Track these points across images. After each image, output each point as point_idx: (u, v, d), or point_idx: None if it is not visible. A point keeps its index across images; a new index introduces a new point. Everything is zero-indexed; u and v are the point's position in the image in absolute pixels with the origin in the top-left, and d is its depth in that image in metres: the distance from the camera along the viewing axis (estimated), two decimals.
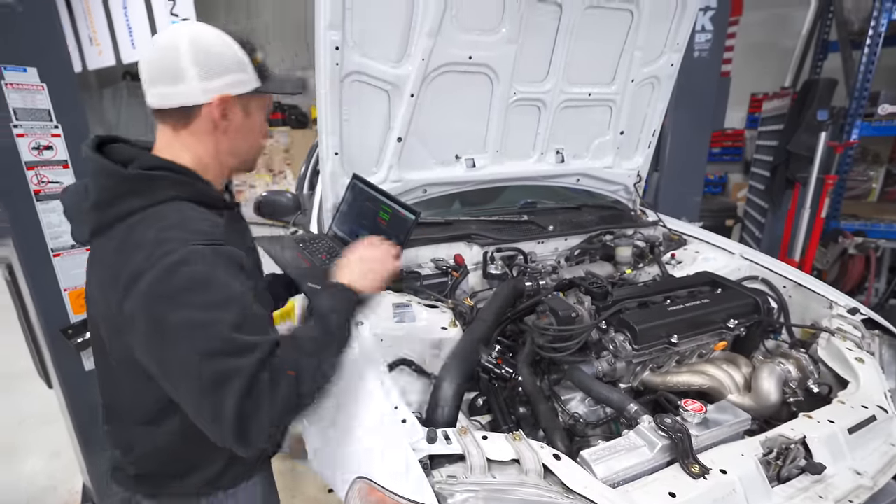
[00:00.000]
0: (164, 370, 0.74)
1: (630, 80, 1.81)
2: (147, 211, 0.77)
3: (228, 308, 0.72)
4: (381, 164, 1.57)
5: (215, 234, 0.77)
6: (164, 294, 0.70)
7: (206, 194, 0.84)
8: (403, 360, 1.15)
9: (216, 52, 0.80)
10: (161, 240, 0.72)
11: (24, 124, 1.51)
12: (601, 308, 1.26)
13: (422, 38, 1.39)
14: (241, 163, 0.92)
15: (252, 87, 0.84)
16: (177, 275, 0.70)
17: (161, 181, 0.79)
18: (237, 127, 0.86)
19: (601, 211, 2.07)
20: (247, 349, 0.72)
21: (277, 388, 0.73)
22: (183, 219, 0.76)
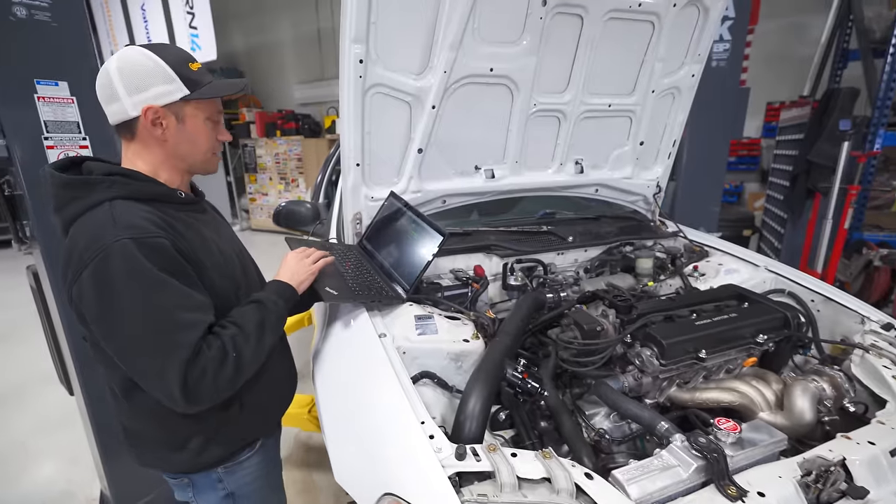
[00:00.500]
0: (117, 352, 0.85)
1: (650, 91, 1.80)
2: (88, 212, 0.86)
3: (163, 291, 0.83)
4: (402, 174, 1.58)
5: (144, 226, 0.85)
6: (103, 287, 0.80)
7: (149, 192, 0.92)
8: (426, 374, 1.15)
9: (139, 68, 0.88)
10: (92, 238, 0.82)
11: (54, 136, 1.55)
12: (626, 322, 1.24)
13: (444, 50, 1.40)
14: (191, 165, 0.99)
15: (178, 95, 0.91)
16: (109, 268, 0.79)
17: (99, 184, 0.88)
18: (174, 134, 0.93)
19: (620, 222, 2.05)
20: (187, 326, 0.84)
21: (223, 367, 0.87)
22: (113, 216, 0.84)
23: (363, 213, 1.58)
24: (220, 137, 1.02)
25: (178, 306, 0.85)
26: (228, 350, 0.89)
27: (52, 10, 1.53)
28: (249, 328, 0.95)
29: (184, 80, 0.91)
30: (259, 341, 0.96)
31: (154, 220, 0.87)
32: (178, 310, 0.84)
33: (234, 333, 0.91)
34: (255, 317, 0.98)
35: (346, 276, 1.31)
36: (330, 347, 1.25)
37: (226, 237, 1.11)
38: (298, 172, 7.44)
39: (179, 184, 1.00)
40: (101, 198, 0.87)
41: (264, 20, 7.95)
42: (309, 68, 7.75)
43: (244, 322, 0.95)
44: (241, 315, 0.97)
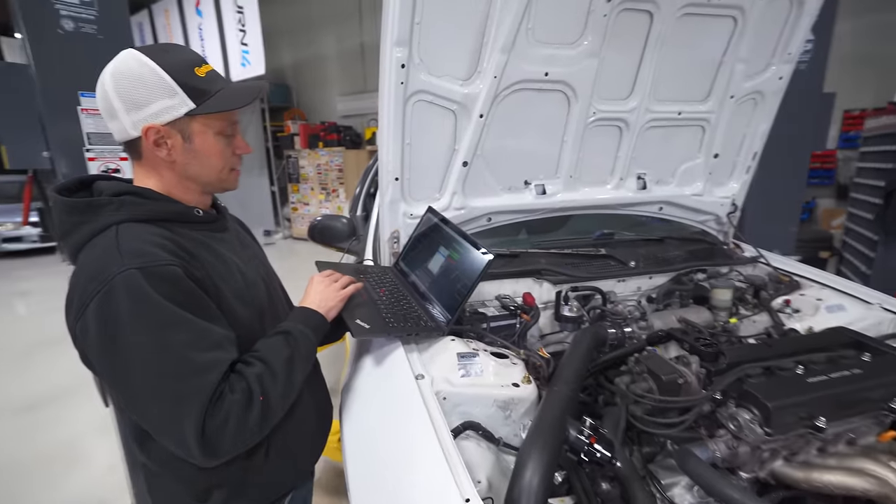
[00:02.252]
0: (125, 399, 0.75)
1: (728, 97, 1.57)
2: (94, 238, 0.77)
3: (175, 328, 0.72)
4: (444, 190, 1.44)
5: (153, 252, 0.75)
6: (107, 325, 0.70)
7: (163, 211, 0.83)
8: (470, 424, 0.98)
9: (136, 81, 0.77)
10: (97, 269, 0.73)
11: (95, 148, 1.53)
12: (713, 372, 1.02)
13: (494, 53, 1.25)
14: (204, 185, 0.89)
15: (183, 111, 0.79)
16: (114, 304, 0.70)
17: (106, 206, 0.78)
18: (181, 154, 0.83)
19: (689, 244, 1.81)
20: (204, 367, 0.73)
21: (249, 412, 0.76)
22: (118, 242, 0.75)
23: (401, 232, 1.44)
24: (238, 151, 0.90)
25: (194, 345, 0.74)
26: (254, 392, 0.77)
27: (99, 22, 1.53)
28: (277, 365, 0.83)
29: (188, 91, 0.79)
30: (288, 379, 0.84)
31: (165, 245, 0.77)
32: (193, 349, 0.73)
33: (261, 372, 0.80)
34: (284, 351, 0.86)
35: (380, 305, 1.17)
36: (360, 385, 1.11)
37: (250, 258, 1.00)
38: (339, 183, 7.54)
39: (197, 202, 0.90)
40: (107, 221, 0.77)
41: (311, 35, 8.20)
42: (352, 81, 7.89)
43: (271, 357, 0.84)
44: (268, 349, 0.85)
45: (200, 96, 0.80)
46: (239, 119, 0.91)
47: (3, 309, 5.23)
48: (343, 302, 1.05)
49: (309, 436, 1.02)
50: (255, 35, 6.47)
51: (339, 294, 1.04)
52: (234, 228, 1.03)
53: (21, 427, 2.90)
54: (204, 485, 0.87)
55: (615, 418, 1.02)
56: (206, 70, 0.83)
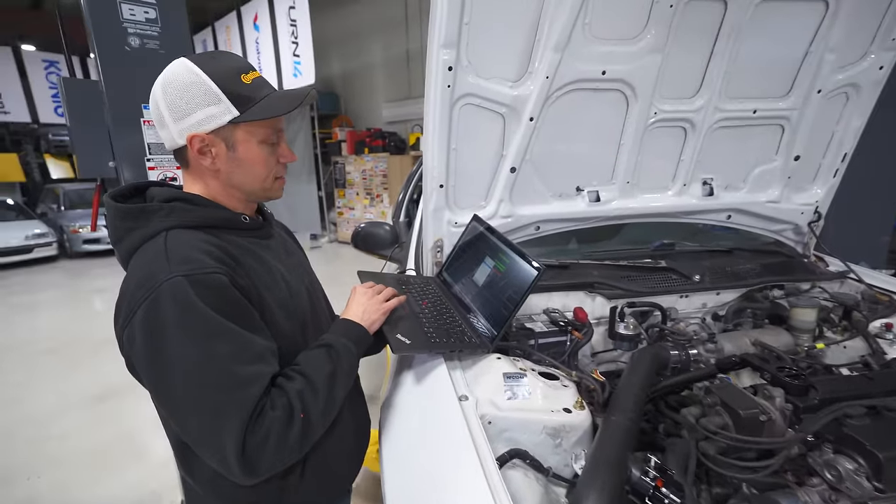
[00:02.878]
0: (166, 409, 0.74)
1: (815, 91, 1.39)
2: (145, 244, 0.77)
3: (219, 338, 0.71)
4: (491, 197, 1.37)
5: (200, 260, 0.74)
6: (152, 333, 0.70)
7: (212, 217, 0.83)
8: (517, 453, 0.90)
9: (183, 90, 0.77)
10: (145, 276, 0.72)
11: (155, 158, 1.60)
12: (802, 408, 0.88)
13: (547, 52, 1.18)
14: (248, 194, 0.88)
15: (227, 118, 0.78)
16: (160, 312, 0.69)
17: (156, 212, 0.79)
18: (225, 163, 0.82)
19: (762, 257, 1.63)
20: (246, 380, 0.71)
21: (290, 429, 0.73)
22: (167, 249, 0.74)
23: (445, 241, 1.39)
24: (282, 160, 0.88)
25: (237, 357, 0.72)
26: (296, 408, 0.75)
27: (161, 38, 1.61)
28: (319, 380, 0.80)
29: (232, 98, 0.78)
30: (330, 395, 0.81)
31: (211, 251, 0.76)
32: (236, 361, 0.72)
33: (302, 388, 0.77)
34: (326, 366, 0.83)
35: (422, 318, 1.12)
36: (401, 403, 1.06)
37: (295, 266, 0.98)
38: (383, 188, 7.67)
39: (242, 209, 0.90)
40: (158, 227, 0.77)
41: (359, 44, 8.43)
42: (397, 88, 8.01)
43: (313, 372, 0.81)
44: (309, 363, 0.83)
45: (245, 103, 0.78)
46: (284, 127, 0.90)
47: (83, 304, 5.75)
48: (385, 315, 1.01)
49: (346, 454, 0.99)
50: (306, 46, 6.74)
51: (382, 307, 1.00)
52: (279, 235, 1.01)
53: (89, 417, 3.14)
54: (241, 502, 0.85)
55: (681, 454, 0.91)
56: (253, 77, 0.81)
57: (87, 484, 2.47)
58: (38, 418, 3.12)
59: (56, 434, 2.93)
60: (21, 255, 7.47)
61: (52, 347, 4.33)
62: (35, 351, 4.25)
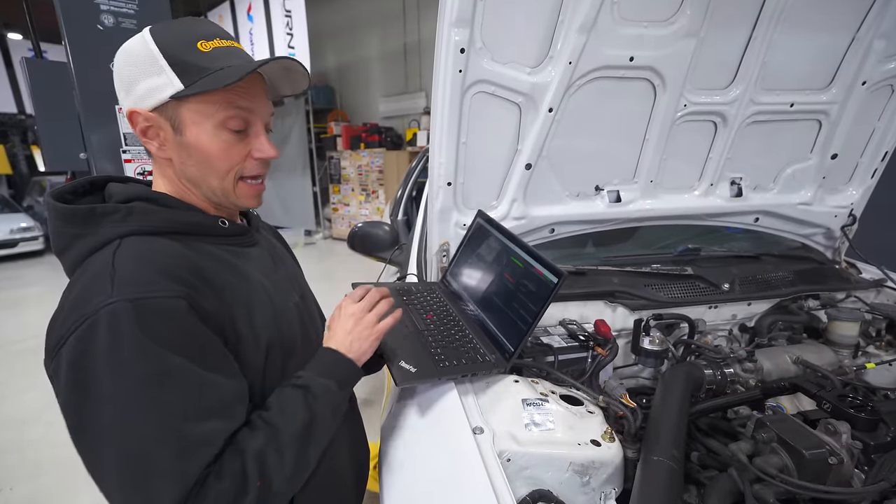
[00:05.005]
0: (88, 468, 0.56)
1: (859, 83, 1.27)
2: (92, 255, 0.62)
3: (165, 386, 0.55)
4: (503, 197, 1.24)
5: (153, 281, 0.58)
6: (79, 371, 0.54)
7: (181, 222, 0.67)
8: (541, 495, 0.78)
9: (128, 58, 0.64)
10: (81, 299, 0.57)
11: (132, 150, 1.45)
12: (873, 448, 0.76)
13: (571, 34, 1.04)
14: (208, 192, 0.70)
15: (167, 93, 0.62)
16: (92, 344, 0.54)
17: (109, 215, 0.64)
18: (175, 149, 0.66)
19: (792, 263, 1.51)
20: (195, 444, 0.56)
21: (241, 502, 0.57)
22: (114, 264, 0.59)
23: (452, 244, 1.26)
24: (256, 154, 0.69)
25: (187, 410, 0.56)
26: (250, 476, 0.58)
27: (139, 17, 1.46)
28: (288, 435, 0.64)
29: (177, 67, 0.62)
30: (301, 454, 0.65)
31: (172, 268, 0.61)
32: (185, 416, 0.56)
33: (263, 446, 0.61)
34: (300, 414, 0.66)
35: (428, 336, 0.99)
36: (404, 429, 0.93)
37: (283, 281, 0.82)
38: (379, 184, 7.52)
39: (214, 210, 0.74)
40: (110, 234, 0.62)
41: (355, 38, 8.23)
42: (394, 82, 7.84)
43: (283, 424, 0.64)
44: (280, 410, 0.66)
45: (192, 75, 0.62)
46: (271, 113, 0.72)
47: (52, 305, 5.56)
48: (379, 340, 0.82)
49: (343, 491, 0.85)
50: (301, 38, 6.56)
51: (375, 331, 0.81)
52: (266, 242, 0.85)
53: None
54: None
55: (725, 494, 0.79)
56: (216, 45, 0.64)
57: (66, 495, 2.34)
58: (17, 421, 2.97)
59: (35, 439, 2.78)
60: (5, 249, 7.26)
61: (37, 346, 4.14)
62: (18, 350, 4.08)
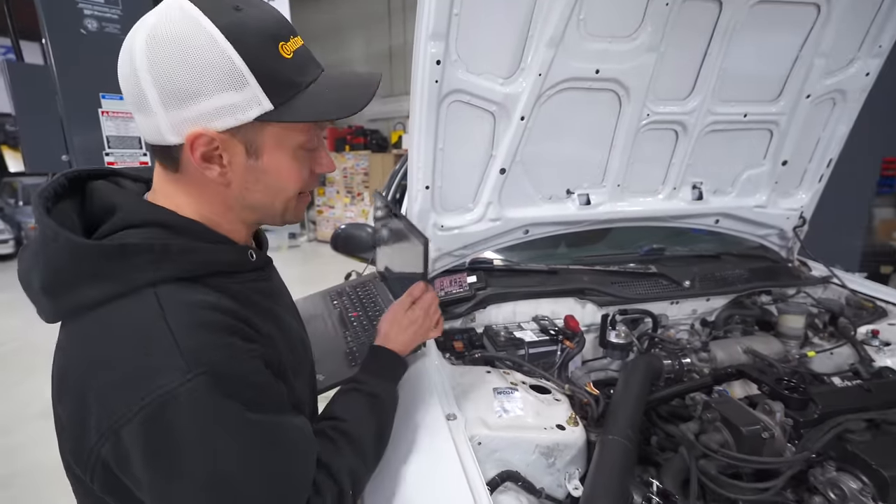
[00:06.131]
0: None
1: (804, 96, 1.38)
2: (113, 304, 0.50)
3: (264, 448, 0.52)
4: (479, 200, 1.31)
5: (224, 343, 0.51)
6: (168, 455, 0.47)
7: (216, 262, 0.56)
8: (508, 475, 0.84)
9: (185, 56, 0.48)
10: (140, 372, 0.47)
11: (116, 152, 1.47)
12: (802, 423, 0.85)
13: (540, 48, 1.12)
14: (265, 217, 0.62)
15: (252, 114, 0.51)
16: (175, 427, 0.47)
17: (141, 256, 0.50)
18: (241, 175, 0.55)
19: (749, 262, 1.62)
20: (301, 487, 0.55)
21: None
22: (171, 329, 0.49)
23: (430, 245, 1.32)
24: (318, 169, 0.62)
25: (291, 461, 0.54)
26: (346, 494, 0.60)
27: (122, 22, 1.49)
28: (368, 445, 0.66)
29: (265, 81, 0.50)
30: (378, 457, 0.69)
31: (228, 322, 0.53)
32: (289, 468, 0.53)
33: (352, 462, 0.62)
34: (374, 422, 0.69)
35: (348, 336, 1.04)
36: None
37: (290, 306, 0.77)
38: (364, 186, 7.53)
39: (244, 238, 0.64)
40: (139, 281, 0.50)
41: (339, 39, 8.24)
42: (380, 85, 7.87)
43: (361, 433, 0.65)
44: (357, 420, 0.67)
45: (283, 92, 0.52)
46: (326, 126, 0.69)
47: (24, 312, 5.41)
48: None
49: None
50: None
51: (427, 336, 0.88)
52: (275, 270, 0.76)
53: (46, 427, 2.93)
54: None
55: (678, 471, 0.87)
56: (295, 47, 0.53)
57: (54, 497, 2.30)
58: None
59: (9, 447, 2.72)
60: None
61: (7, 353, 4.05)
62: None
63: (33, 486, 2.39)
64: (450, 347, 1.18)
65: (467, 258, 1.40)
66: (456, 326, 1.31)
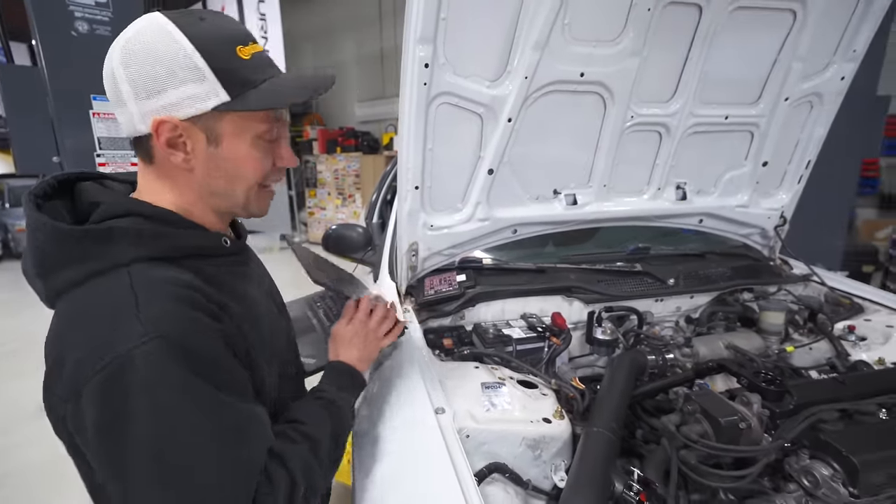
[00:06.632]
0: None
1: (782, 99, 1.42)
2: (90, 282, 0.56)
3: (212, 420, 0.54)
4: (468, 200, 1.33)
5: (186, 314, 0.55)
6: (114, 414, 0.50)
7: (189, 246, 0.63)
8: (496, 467, 0.87)
9: (154, 57, 0.56)
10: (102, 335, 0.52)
11: (107, 153, 1.48)
12: (778, 414, 0.89)
13: (526, 51, 1.15)
14: (227, 203, 0.67)
15: (211, 103, 0.58)
16: (128, 388, 0.50)
17: (121, 237, 0.57)
18: (203, 162, 0.62)
19: (732, 260, 1.66)
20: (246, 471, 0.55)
21: None
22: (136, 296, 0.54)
23: (420, 244, 1.34)
24: (280, 163, 0.68)
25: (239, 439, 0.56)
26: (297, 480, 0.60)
27: (113, 24, 1.49)
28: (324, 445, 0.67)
29: (222, 76, 0.58)
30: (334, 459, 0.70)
31: (195, 298, 0.57)
32: (237, 445, 0.56)
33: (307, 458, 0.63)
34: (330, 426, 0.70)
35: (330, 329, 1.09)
36: (374, 414, 1.00)
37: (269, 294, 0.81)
38: (356, 188, 7.53)
39: (216, 225, 0.69)
40: (116, 260, 0.56)
41: (331, 41, 8.25)
42: (371, 87, 7.88)
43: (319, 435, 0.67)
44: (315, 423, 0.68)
45: (239, 86, 0.59)
46: (288, 119, 0.72)
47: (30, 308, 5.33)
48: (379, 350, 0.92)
49: None
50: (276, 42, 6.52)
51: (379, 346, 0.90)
52: (254, 257, 0.82)
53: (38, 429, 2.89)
54: None
55: (661, 462, 0.89)
56: (253, 51, 0.61)
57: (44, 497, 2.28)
58: None
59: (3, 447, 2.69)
60: None
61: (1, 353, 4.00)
62: None
63: (26, 486, 2.37)
64: (439, 344, 1.21)
65: (457, 257, 1.42)
66: (446, 324, 1.33)
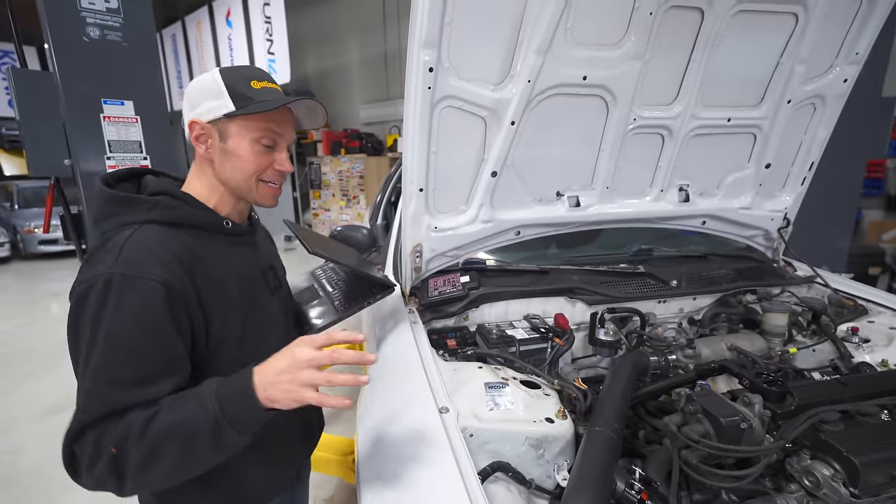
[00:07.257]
0: (75, 366, 0.75)
1: (785, 102, 1.43)
2: (115, 231, 0.78)
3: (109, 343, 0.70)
4: (471, 202, 1.35)
5: (147, 264, 0.74)
6: (74, 318, 0.73)
7: (194, 218, 0.84)
8: (499, 466, 0.88)
9: (198, 87, 0.86)
10: (92, 266, 0.74)
11: (116, 156, 1.50)
12: (780, 415, 0.89)
13: (529, 55, 1.16)
14: (234, 189, 0.89)
15: (222, 111, 0.84)
16: (86, 302, 0.71)
17: (139, 204, 0.80)
18: (217, 154, 0.86)
19: (735, 262, 1.66)
20: (105, 400, 0.69)
21: (96, 463, 0.68)
22: (125, 244, 0.75)
23: (424, 246, 1.36)
24: (276, 166, 0.89)
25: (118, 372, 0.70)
26: (103, 448, 0.67)
27: (124, 30, 1.52)
28: (155, 426, 0.67)
29: (234, 96, 0.84)
30: (154, 451, 0.66)
31: (167, 257, 0.76)
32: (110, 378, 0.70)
33: (136, 424, 0.67)
34: (173, 416, 0.68)
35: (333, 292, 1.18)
36: (378, 413, 1.02)
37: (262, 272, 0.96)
38: (360, 189, 7.57)
39: (230, 211, 0.91)
40: (135, 219, 0.79)
41: (335, 44, 8.30)
42: (375, 89, 7.93)
43: (164, 415, 0.68)
44: (179, 404, 0.69)
45: (244, 102, 0.83)
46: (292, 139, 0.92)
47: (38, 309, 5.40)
48: (302, 403, 0.68)
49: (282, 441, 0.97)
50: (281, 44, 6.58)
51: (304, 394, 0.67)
52: (263, 245, 1.01)
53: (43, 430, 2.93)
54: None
55: (663, 462, 0.90)
56: (263, 85, 0.86)
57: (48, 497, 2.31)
58: None
59: (7, 449, 2.72)
60: None
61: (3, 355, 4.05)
62: None
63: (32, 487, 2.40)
64: (443, 344, 1.22)
65: (461, 259, 1.44)
66: (449, 325, 1.34)
